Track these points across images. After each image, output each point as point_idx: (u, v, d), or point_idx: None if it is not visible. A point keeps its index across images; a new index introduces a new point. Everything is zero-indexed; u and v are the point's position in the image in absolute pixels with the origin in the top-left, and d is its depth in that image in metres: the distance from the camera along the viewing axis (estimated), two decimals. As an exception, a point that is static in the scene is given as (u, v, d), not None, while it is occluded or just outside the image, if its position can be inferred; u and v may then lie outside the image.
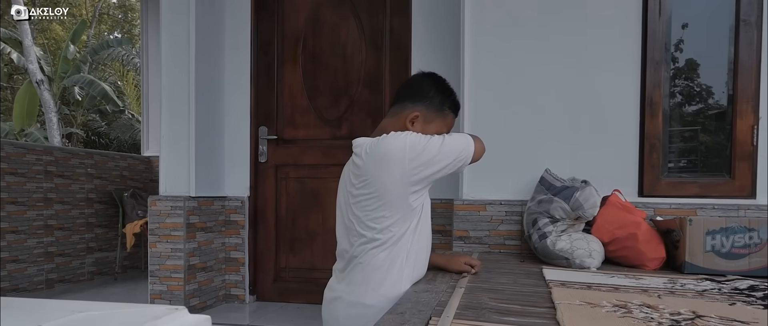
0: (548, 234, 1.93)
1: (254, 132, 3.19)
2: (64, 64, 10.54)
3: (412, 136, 1.38)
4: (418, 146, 1.36)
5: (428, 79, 1.55)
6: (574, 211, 1.90)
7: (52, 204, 4.39)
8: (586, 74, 2.28)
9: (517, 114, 2.34)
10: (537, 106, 2.32)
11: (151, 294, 2.81)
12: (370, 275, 1.39)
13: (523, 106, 2.33)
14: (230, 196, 3.17)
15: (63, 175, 4.51)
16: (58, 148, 4.59)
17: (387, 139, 1.39)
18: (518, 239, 2.29)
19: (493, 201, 2.32)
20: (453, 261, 1.65)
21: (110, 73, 14.94)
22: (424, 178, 1.38)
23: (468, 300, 1.25)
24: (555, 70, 2.31)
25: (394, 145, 1.36)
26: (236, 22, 3.19)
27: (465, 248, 2.33)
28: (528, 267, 1.85)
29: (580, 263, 1.80)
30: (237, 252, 3.15)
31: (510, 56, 2.35)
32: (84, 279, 4.70)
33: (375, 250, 1.39)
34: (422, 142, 1.37)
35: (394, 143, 1.37)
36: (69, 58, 10.56)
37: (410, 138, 1.37)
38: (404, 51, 3.02)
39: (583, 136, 2.28)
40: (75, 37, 10.72)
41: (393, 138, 1.38)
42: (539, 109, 2.32)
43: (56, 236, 4.44)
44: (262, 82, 3.23)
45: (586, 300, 1.23)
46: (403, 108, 1.51)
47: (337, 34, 3.14)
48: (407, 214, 1.40)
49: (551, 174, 2.14)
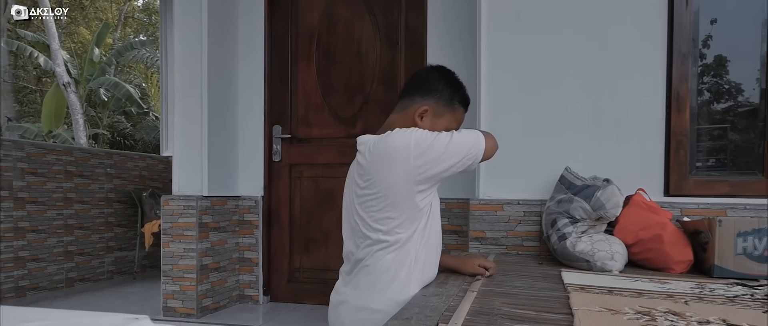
0: (568, 235, 1.85)
1: (268, 131, 3.16)
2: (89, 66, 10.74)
3: (417, 133, 1.31)
4: (423, 143, 1.29)
5: (437, 72, 1.48)
6: (595, 211, 1.81)
7: (71, 203, 4.44)
8: (609, 68, 2.19)
9: (536, 110, 2.25)
10: (557, 101, 2.23)
11: (163, 294, 2.79)
12: (377, 278, 1.33)
13: (542, 102, 2.24)
14: (244, 196, 3.14)
15: (83, 175, 4.55)
16: (77, 148, 4.64)
17: (391, 136, 1.33)
18: (537, 240, 2.20)
19: (511, 201, 2.24)
20: (466, 263, 1.57)
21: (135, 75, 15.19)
22: (431, 177, 1.31)
23: (479, 305, 1.17)
24: (576, 64, 2.21)
25: (398, 143, 1.29)
26: (250, 20, 3.16)
27: (481, 249, 2.25)
28: (546, 269, 1.76)
29: (601, 266, 1.71)
30: (251, 253, 3.12)
31: (528, 51, 2.26)
32: (104, 279, 4.74)
33: (381, 252, 1.33)
34: (428, 139, 1.30)
35: (397, 140, 1.30)
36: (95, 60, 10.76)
37: (415, 135, 1.30)
38: (420, 47, 2.95)
39: (606, 133, 2.19)
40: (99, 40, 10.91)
41: (397, 135, 1.32)
42: (559, 105, 2.23)
43: (76, 235, 4.48)
44: (276, 81, 3.19)
45: (607, 306, 1.14)
46: (411, 102, 1.44)
47: (352, 30, 3.09)
48: (414, 215, 1.33)
49: (571, 172, 2.05)
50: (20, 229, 3.99)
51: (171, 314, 2.77)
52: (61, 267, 4.32)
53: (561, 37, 2.23)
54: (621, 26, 2.17)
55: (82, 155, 4.58)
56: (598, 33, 2.20)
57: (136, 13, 16.85)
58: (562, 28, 2.23)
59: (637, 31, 2.16)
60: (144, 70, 15.10)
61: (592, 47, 2.20)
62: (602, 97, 2.19)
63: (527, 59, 2.27)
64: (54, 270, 4.26)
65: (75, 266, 4.46)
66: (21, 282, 3.98)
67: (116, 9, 15.86)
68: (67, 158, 4.40)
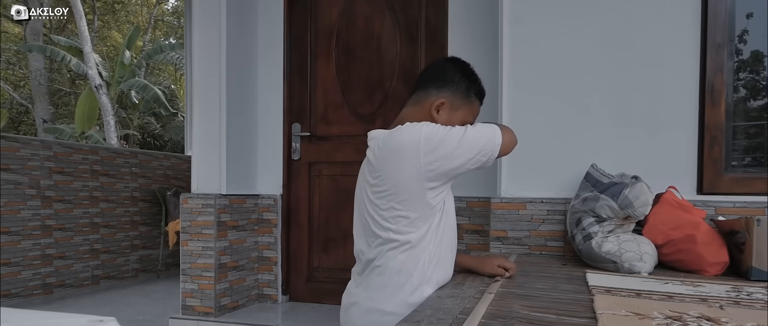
0: (594, 234, 1.76)
1: (287, 129, 3.13)
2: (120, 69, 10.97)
3: (428, 127, 1.24)
4: (434, 138, 1.22)
5: (452, 64, 1.42)
6: (622, 210, 1.71)
7: (97, 202, 4.51)
8: (638, 59, 2.09)
9: (560, 105, 2.16)
10: (582, 95, 2.14)
11: (182, 293, 2.79)
12: (389, 279, 1.27)
13: (566, 97, 2.16)
14: (263, 194, 3.12)
15: (108, 174, 4.62)
16: (103, 148, 4.72)
17: (400, 131, 1.27)
18: (561, 240, 2.11)
19: (534, 200, 2.15)
20: (485, 264, 1.50)
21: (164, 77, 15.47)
22: (443, 174, 1.24)
23: (496, 308, 1.11)
24: (602, 55, 2.12)
25: (408, 138, 1.23)
26: (269, 17, 3.14)
27: (503, 249, 2.17)
28: (570, 271, 1.68)
29: (629, 267, 1.62)
30: (270, 251, 3.09)
31: (552, 42, 2.18)
32: (128, 276, 4.81)
33: (393, 252, 1.27)
34: (440, 133, 1.23)
35: (407, 135, 1.24)
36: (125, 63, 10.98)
37: (426, 129, 1.23)
38: (440, 43, 2.89)
39: (634, 128, 2.08)
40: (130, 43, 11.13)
41: (407, 129, 1.26)
42: (585, 99, 2.14)
43: (102, 233, 4.55)
44: (296, 78, 3.17)
45: (634, 310, 1.07)
46: (427, 95, 1.38)
47: (371, 26, 3.04)
48: (426, 213, 1.26)
49: (598, 169, 1.96)
50: (47, 227, 4.06)
51: (190, 312, 2.77)
52: (87, 264, 4.40)
53: (585, 28, 2.14)
54: (649, 15, 2.07)
55: (108, 154, 4.66)
56: (624, 23, 2.10)
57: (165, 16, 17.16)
58: (586, 19, 2.14)
59: (666, 19, 2.05)
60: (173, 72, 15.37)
61: (618, 38, 2.10)
62: (630, 90, 2.09)
63: (550, 53, 2.18)
64: (80, 268, 4.34)
65: (101, 264, 4.53)
66: (48, 280, 4.06)
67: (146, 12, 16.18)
68: (93, 157, 4.48)
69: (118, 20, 15.72)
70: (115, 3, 15.19)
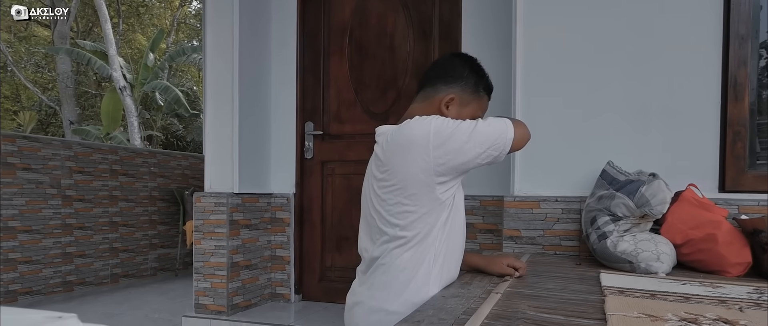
0: (609, 234, 1.70)
1: (300, 127, 3.12)
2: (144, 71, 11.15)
3: (437, 121, 1.21)
4: (444, 132, 1.19)
5: (460, 59, 1.39)
6: (639, 208, 1.65)
7: (116, 201, 4.57)
8: (657, 52, 2.02)
9: (576, 99, 2.10)
10: (599, 89, 2.08)
11: (195, 291, 2.79)
12: (394, 278, 1.24)
13: (583, 90, 2.09)
14: (276, 193, 3.12)
15: (127, 174, 4.68)
16: (122, 148, 4.78)
17: (409, 124, 1.24)
18: (576, 240, 2.06)
19: (548, 198, 2.10)
20: (494, 263, 1.46)
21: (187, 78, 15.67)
22: (453, 169, 1.21)
23: (502, 309, 1.07)
24: (620, 48, 2.05)
25: (418, 131, 1.20)
26: (282, 15, 3.14)
27: (516, 249, 2.12)
28: (584, 271, 1.62)
29: (645, 267, 1.56)
30: (283, 250, 3.08)
31: (567, 34, 2.12)
32: (147, 275, 4.86)
33: (398, 250, 1.24)
34: (450, 127, 1.20)
35: (417, 129, 1.21)
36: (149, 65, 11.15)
37: (436, 123, 1.20)
38: (454, 39, 2.84)
39: (653, 124, 2.02)
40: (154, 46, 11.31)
41: (416, 123, 1.22)
42: (602, 93, 2.07)
43: (121, 232, 4.60)
44: (309, 77, 3.15)
45: (647, 311, 1.02)
46: (435, 90, 1.35)
47: (384, 23, 3.01)
48: (434, 208, 1.23)
49: (614, 166, 1.89)
50: (68, 226, 4.13)
51: (203, 311, 2.78)
52: (106, 263, 4.45)
53: (602, 21, 2.07)
54: (669, 6, 2.00)
55: (127, 154, 4.71)
56: (643, 15, 2.03)
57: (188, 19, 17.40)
58: (602, 12, 2.07)
59: (687, 11, 1.98)
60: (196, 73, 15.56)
61: (637, 31, 2.04)
62: (649, 84, 2.02)
63: (566, 47, 2.12)
64: (100, 266, 4.40)
65: (120, 262, 4.59)
66: (68, 278, 4.12)
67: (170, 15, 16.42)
68: (113, 157, 4.53)
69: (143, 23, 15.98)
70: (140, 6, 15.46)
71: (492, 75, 1.44)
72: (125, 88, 10.43)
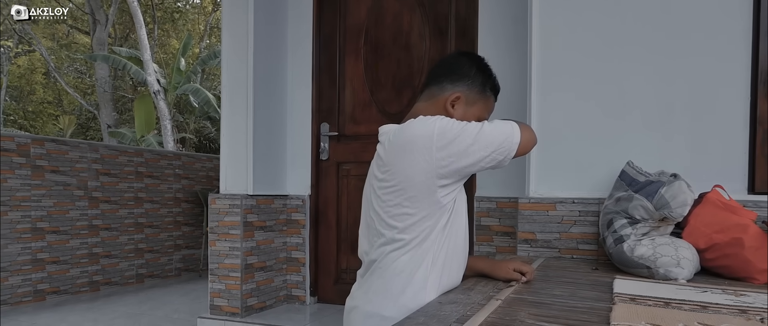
0: (626, 237, 1.61)
1: (316, 128, 3.10)
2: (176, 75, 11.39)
3: (442, 121, 1.16)
4: (448, 133, 1.14)
5: (467, 58, 1.35)
6: (658, 211, 1.56)
7: (142, 203, 4.64)
8: (682, 45, 1.91)
9: (595, 95, 2.01)
10: (620, 84, 1.98)
11: (210, 293, 2.80)
12: (390, 282, 1.19)
13: (603, 86, 2.00)
14: (292, 195, 3.10)
15: (152, 176, 4.75)
16: (148, 150, 4.86)
17: (412, 124, 1.19)
18: (594, 243, 1.96)
19: (565, 200, 2.01)
20: (500, 267, 1.39)
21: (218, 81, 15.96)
22: (456, 171, 1.16)
23: (499, 316, 1.01)
24: (640, 42, 1.96)
25: (421, 132, 1.16)
26: (298, 17, 3.12)
27: (531, 252, 2.04)
28: (599, 276, 1.54)
29: (664, 273, 1.47)
30: (298, 252, 3.06)
31: (586, 27, 2.03)
32: (172, 275, 4.92)
33: (396, 253, 1.19)
34: (455, 128, 1.15)
35: (420, 129, 1.17)
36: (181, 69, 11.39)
37: (440, 123, 1.16)
38: (470, 37, 2.77)
39: (677, 120, 1.91)
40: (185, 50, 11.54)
41: (420, 123, 1.18)
42: (623, 89, 1.98)
43: (146, 233, 4.68)
44: (324, 77, 3.13)
45: (656, 321, 0.94)
46: (441, 89, 1.31)
47: (400, 22, 2.96)
48: (434, 211, 1.18)
49: (634, 166, 1.80)
50: (94, 227, 4.21)
51: (217, 312, 2.78)
52: (132, 263, 4.53)
53: (623, 13, 1.98)
54: None
55: (152, 156, 4.79)
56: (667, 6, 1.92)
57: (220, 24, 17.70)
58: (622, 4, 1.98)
59: (715, 2, 1.87)
60: (227, 77, 15.78)
61: (660, 23, 1.94)
62: (674, 79, 1.92)
63: (585, 39, 2.03)
64: (126, 266, 4.47)
65: (145, 263, 4.66)
66: (94, 278, 4.20)
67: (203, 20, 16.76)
68: (138, 159, 4.61)
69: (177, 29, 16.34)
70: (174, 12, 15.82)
71: (509, 72, 1.39)
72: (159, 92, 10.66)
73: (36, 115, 16.32)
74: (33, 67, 15.92)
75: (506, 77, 2.39)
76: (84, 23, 15.02)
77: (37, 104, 16.25)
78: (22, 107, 16.15)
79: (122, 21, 14.94)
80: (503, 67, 2.46)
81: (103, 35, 12.61)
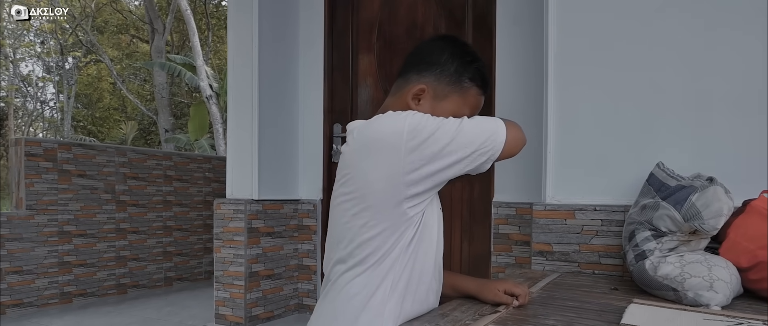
0: (648, 253, 1.36)
1: (328, 130, 2.95)
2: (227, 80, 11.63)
3: (414, 117, 0.98)
4: (421, 131, 0.96)
5: (441, 43, 1.14)
6: (687, 222, 1.31)
7: (170, 206, 4.64)
8: (716, 33, 1.64)
9: (621, 86, 1.76)
10: (650, 73, 1.72)
11: (215, 301, 2.69)
12: (342, 307, 1.01)
13: (630, 75, 1.75)
14: (303, 199, 2.96)
15: (181, 179, 4.74)
16: (176, 154, 4.86)
17: (379, 120, 1.02)
18: (618, 257, 1.71)
19: (586, 207, 1.76)
20: (488, 289, 1.18)
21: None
22: (427, 177, 0.97)
23: (457, 356, 0.81)
24: (672, 30, 1.69)
25: (389, 129, 0.98)
26: (310, 15, 2.99)
27: (547, 266, 1.81)
28: (613, 299, 1.30)
29: (694, 297, 1.22)
30: (309, 260, 2.92)
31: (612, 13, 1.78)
32: (201, 278, 4.90)
33: (349, 273, 1.01)
34: (429, 125, 0.97)
35: (388, 125, 0.98)
36: (232, 74, 11.64)
37: (411, 119, 0.97)
38: (488, 29, 2.54)
39: (717, 116, 1.64)
40: (234, 56, 11.78)
41: (388, 119, 1.00)
42: (653, 78, 1.72)
43: (175, 236, 4.67)
44: (337, 77, 2.98)
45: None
46: (406, 81, 1.13)
47: (414, 14, 2.77)
48: (398, 225, 0.99)
49: (665, 169, 1.55)
50: (122, 230, 4.23)
51: (222, 322, 2.67)
52: (160, 266, 4.53)
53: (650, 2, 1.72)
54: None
55: (181, 160, 4.78)
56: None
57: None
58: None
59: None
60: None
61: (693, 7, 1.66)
62: (711, 67, 1.65)
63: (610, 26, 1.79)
64: (153, 269, 4.48)
65: (173, 266, 4.65)
66: (122, 280, 4.22)
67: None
68: (167, 163, 4.61)
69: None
70: (227, 19, 16.26)
71: (530, 64, 1.17)
72: (211, 96, 10.87)
73: (102, 121, 17.19)
74: (100, 76, 16.77)
75: (529, 72, 2.16)
76: (145, 32, 15.64)
77: (103, 110, 17.11)
78: (91, 113, 17.04)
79: (179, 29, 15.43)
80: (524, 58, 2.22)
81: (161, 43, 13.04)
